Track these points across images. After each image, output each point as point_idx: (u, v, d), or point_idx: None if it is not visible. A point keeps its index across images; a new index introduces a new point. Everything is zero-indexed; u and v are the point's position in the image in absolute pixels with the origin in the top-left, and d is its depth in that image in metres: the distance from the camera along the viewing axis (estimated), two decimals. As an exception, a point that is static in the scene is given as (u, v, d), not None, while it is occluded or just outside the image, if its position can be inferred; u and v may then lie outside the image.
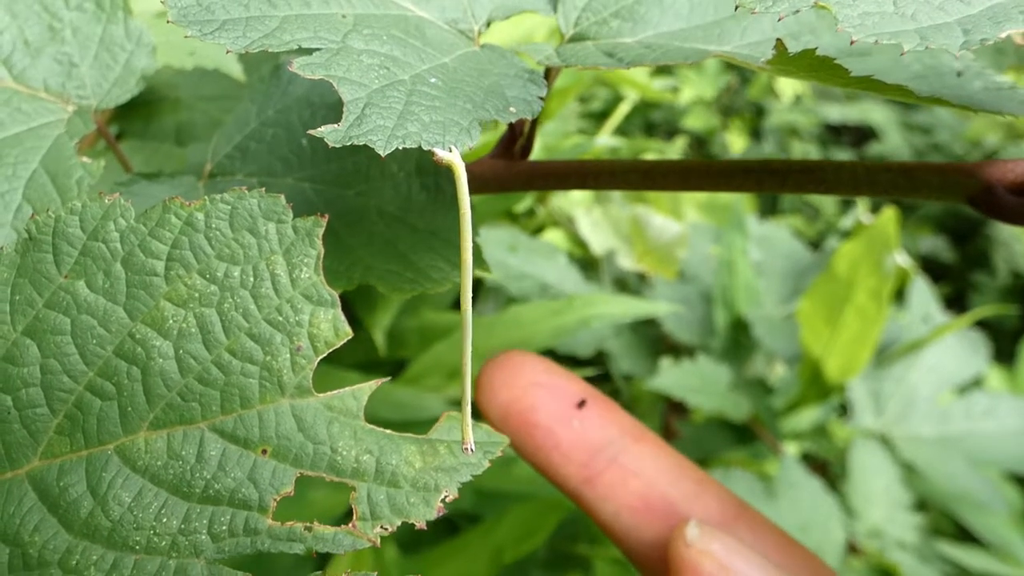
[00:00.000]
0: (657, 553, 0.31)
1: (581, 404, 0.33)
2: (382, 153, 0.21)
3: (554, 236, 1.24)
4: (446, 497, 0.22)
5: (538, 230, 1.27)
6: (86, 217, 0.23)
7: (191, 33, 0.23)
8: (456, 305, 1.05)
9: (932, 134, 1.78)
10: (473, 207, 0.25)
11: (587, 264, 1.26)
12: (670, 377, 1.04)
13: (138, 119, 0.55)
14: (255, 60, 0.51)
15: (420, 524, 0.22)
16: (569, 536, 0.90)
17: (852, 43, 0.17)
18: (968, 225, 1.82)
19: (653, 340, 1.20)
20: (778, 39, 0.21)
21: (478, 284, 1.11)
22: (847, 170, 0.27)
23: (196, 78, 0.56)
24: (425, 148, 0.22)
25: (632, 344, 1.19)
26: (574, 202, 1.26)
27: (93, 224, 0.23)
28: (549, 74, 0.28)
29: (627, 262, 1.22)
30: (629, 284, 1.27)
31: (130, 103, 0.55)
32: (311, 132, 0.21)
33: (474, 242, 0.32)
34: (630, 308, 1.02)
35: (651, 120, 1.58)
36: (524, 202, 1.23)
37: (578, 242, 1.24)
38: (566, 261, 1.15)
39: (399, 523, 0.22)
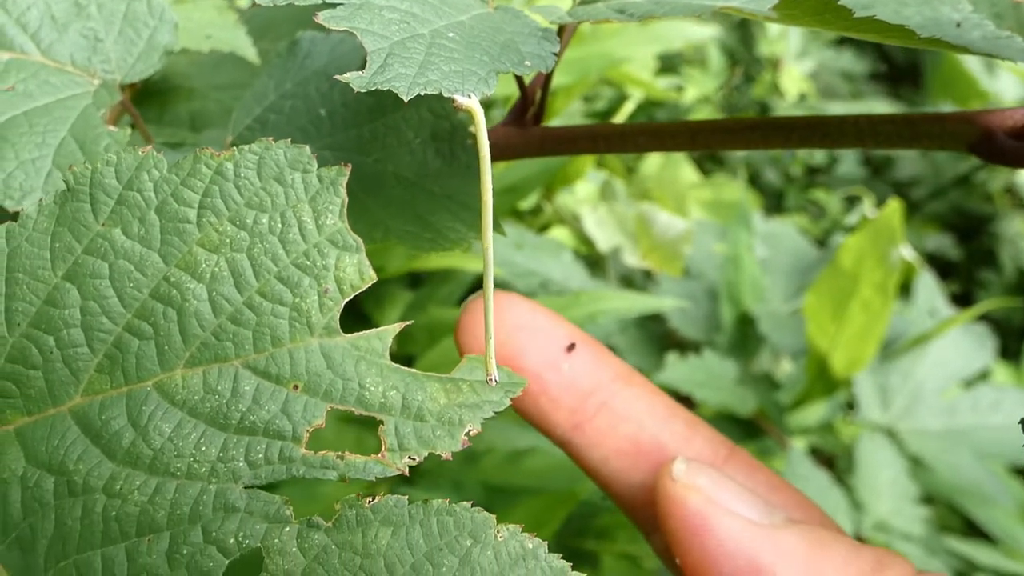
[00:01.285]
0: (647, 497, 0.30)
1: (570, 348, 0.31)
2: (405, 98, 0.22)
3: (560, 234, 1.24)
4: (470, 431, 0.23)
5: (544, 228, 1.28)
6: (121, 168, 0.24)
7: (222, -12, 0.24)
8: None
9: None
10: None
11: (593, 261, 1.27)
12: (677, 372, 1.05)
13: (153, 107, 0.56)
14: (271, 46, 0.52)
15: (446, 455, 0.22)
16: (577, 532, 0.90)
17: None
18: (974, 223, 1.82)
19: (659, 336, 1.21)
20: (784, -19, 0.22)
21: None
22: (850, 123, 0.28)
23: (209, 67, 0.57)
24: (445, 95, 0.23)
25: (638, 340, 1.20)
26: (579, 199, 1.27)
27: (128, 175, 0.24)
28: (562, 33, 0.29)
29: (632, 259, 1.23)
30: (635, 281, 1.28)
31: (146, 91, 0.56)
32: (338, 77, 0.22)
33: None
34: (636, 303, 1.03)
35: (655, 119, 1.59)
36: (530, 200, 1.24)
37: (583, 239, 1.25)
38: (571, 258, 1.16)
39: (426, 454, 0.22)
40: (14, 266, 0.24)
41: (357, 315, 0.84)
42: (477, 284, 1.08)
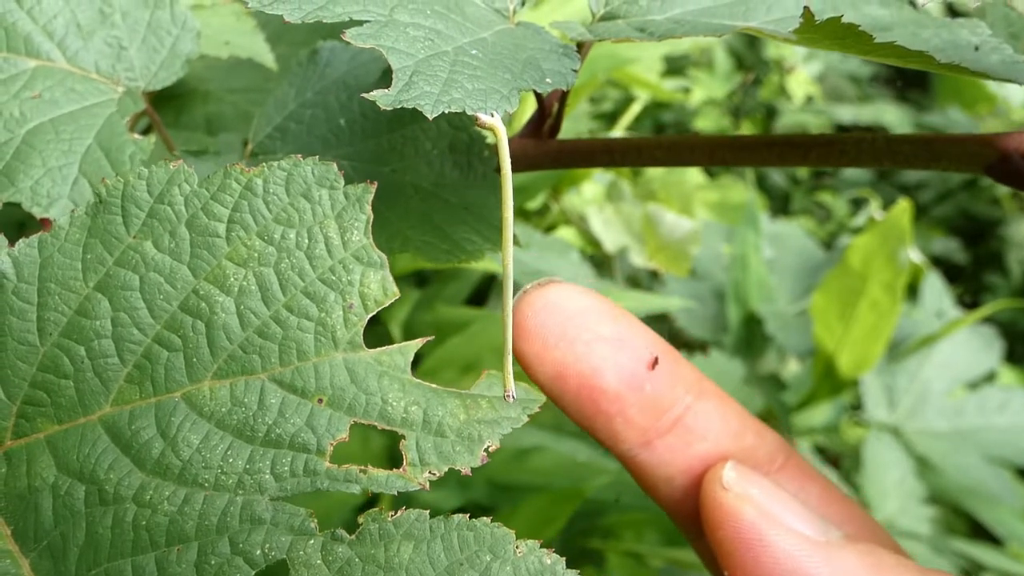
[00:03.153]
0: None
1: (654, 363, 0.27)
2: (430, 116, 0.23)
3: (566, 234, 1.25)
4: (489, 447, 0.23)
5: (550, 228, 1.28)
6: (152, 182, 0.24)
7: (252, 5, 0.24)
8: (471, 301, 1.07)
9: (942, 134, 1.77)
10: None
11: (599, 261, 1.27)
12: (683, 372, 1.04)
13: (170, 110, 0.56)
14: (287, 52, 0.52)
15: (465, 470, 0.23)
16: (583, 531, 0.90)
17: None
18: (981, 226, 1.82)
19: (666, 336, 1.21)
20: (806, 7, 0.22)
21: (491, 279, 1.12)
22: (868, 142, 0.29)
23: (224, 71, 0.58)
24: (469, 113, 0.23)
25: (645, 340, 1.20)
26: (586, 200, 1.28)
27: (159, 188, 0.24)
28: (581, 49, 0.30)
29: (639, 259, 1.23)
30: (641, 281, 1.29)
31: (162, 95, 0.56)
32: (364, 96, 0.22)
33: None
34: (642, 303, 1.03)
35: (661, 121, 1.59)
36: (537, 200, 1.25)
37: (590, 240, 1.25)
38: (578, 257, 1.16)
39: (446, 469, 0.23)
40: (46, 276, 0.24)
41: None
42: (484, 283, 1.08)
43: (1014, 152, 0.26)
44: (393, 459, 0.23)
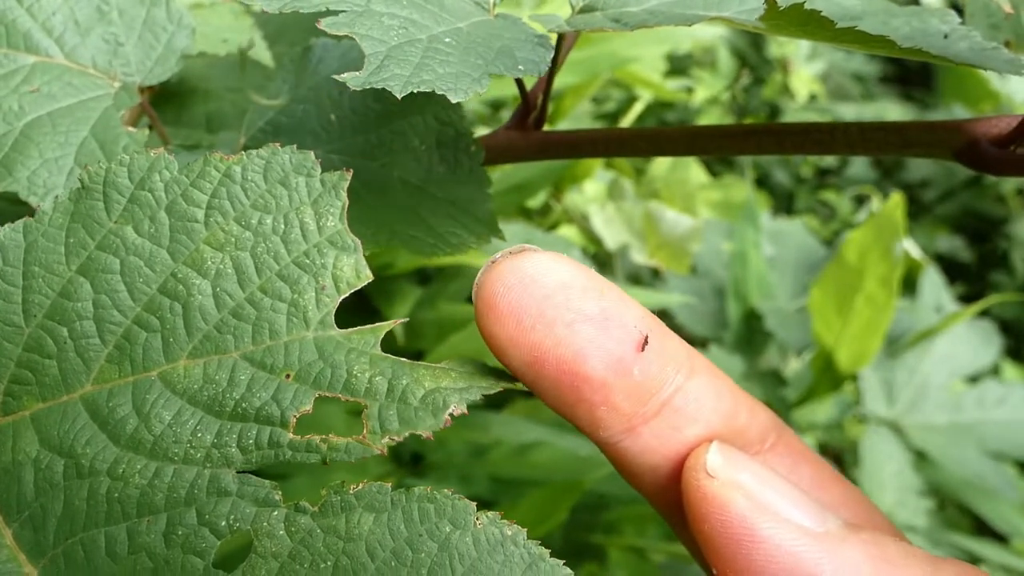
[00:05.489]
0: None
1: (644, 343, 0.24)
2: (399, 95, 0.23)
3: (568, 232, 1.25)
4: (454, 411, 0.23)
5: (552, 227, 1.28)
6: (134, 168, 0.25)
7: (230, -3, 0.25)
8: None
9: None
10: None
11: (601, 260, 1.27)
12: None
13: (171, 108, 0.57)
14: (285, 51, 0.53)
15: (427, 435, 0.22)
16: (584, 526, 0.91)
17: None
18: (986, 224, 1.81)
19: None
20: (768, -5, 0.22)
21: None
22: (841, 130, 0.29)
23: (225, 69, 0.59)
24: (438, 93, 0.24)
25: (646, 337, 1.20)
26: (588, 199, 1.28)
27: (140, 175, 0.25)
28: (561, 42, 0.30)
29: (640, 257, 1.24)
30: (642, 279, 1.29)
31: (163, 93, 0.57)
32: (336, 76, 0.23)
33: (488, 207, 0.34)
34: (643, 300, 1.03)
35: (664, 120, 1.59)
36: (538, 199, 1.25)
37: (592, 238, 1.26)
38: (580, 255, 1.16)
39: (407, 434, 0.22)
40: (30, 260, 0.25)
41: (368, 310, 0.85)
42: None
43: (982, 137, 0.26)
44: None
